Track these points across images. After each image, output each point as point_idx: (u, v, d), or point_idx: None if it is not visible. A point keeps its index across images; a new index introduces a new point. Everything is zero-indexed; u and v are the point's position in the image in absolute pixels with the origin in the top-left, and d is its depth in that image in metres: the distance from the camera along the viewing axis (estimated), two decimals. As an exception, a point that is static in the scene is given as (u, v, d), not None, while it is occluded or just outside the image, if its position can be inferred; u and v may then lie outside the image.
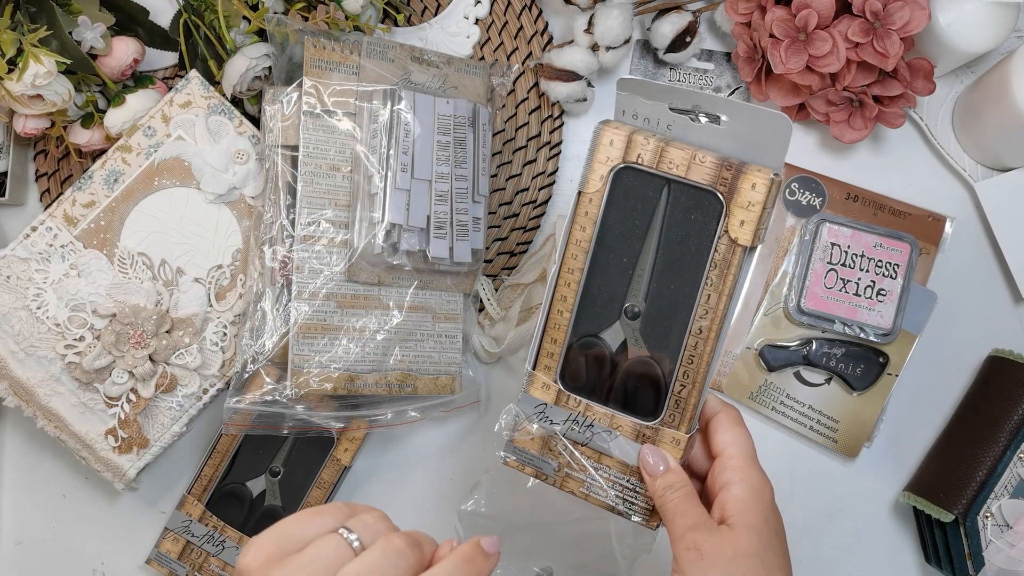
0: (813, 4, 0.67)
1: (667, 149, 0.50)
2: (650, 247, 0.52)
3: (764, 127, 0.49)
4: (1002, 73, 0.69)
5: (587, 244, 0.52)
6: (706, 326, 0.51)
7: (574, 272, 0.53)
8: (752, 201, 0.49)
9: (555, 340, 0.53)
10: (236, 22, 0.70)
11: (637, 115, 0.52)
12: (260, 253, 0.65)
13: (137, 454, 0.67)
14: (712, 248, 0.50)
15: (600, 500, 0.54)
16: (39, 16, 0.67)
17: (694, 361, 0.51)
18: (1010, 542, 0.67)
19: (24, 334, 0.66)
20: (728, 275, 0.50)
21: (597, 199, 0.52)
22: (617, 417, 0.53)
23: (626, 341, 0.53)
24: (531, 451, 0.54)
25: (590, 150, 0.52)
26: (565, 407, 0.53)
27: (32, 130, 0.69)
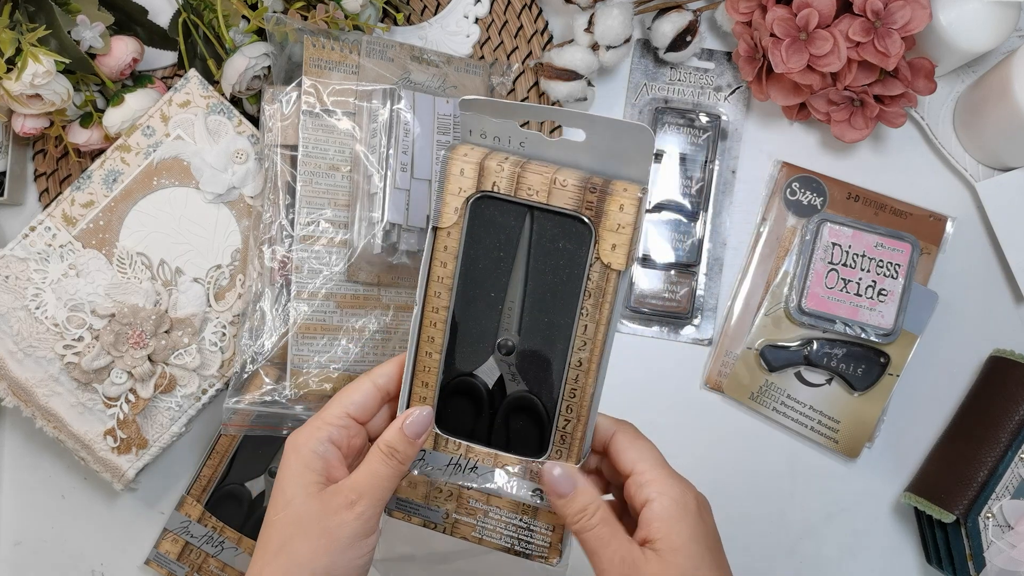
0: (814, 3, 0.67)
1: (524, 174, 0.47)
2: (518, 278, 0.49)
3: (626, 139, 0.46)
4: (1003, 72, 0.69)
5: (450, 280, 0.49)
6: (586, 357, 0.49)
7: (439, 311, 0.50)
8: (622, 223, 0.47)
9: (426, 383, 0.50)
10: (235, 21, 0.70)
11: (486, 134, 0.49)
12: (259, 253, 0.65)
13: (136, 454, 0.66)
14: (584, 276, 0.48)
15: (494, 543, 0.52)
16: (38, 15, 0.67)
17: (576, 394, 0.49)
18: (1011, 543, 0.67)
19: (23, 334, 0.65)
20: (604, 303, 0.48)
21: (456, 232, 0.49)
22: (501, 456, 0.50)
23: (502, 377, 0.51)
24: (415, 500, 0.52)
25: (439, 181, 0.48)
26: (445, 451, 0.51)
27: (31, 130, 0.69)
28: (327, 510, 0.47)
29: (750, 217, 0.76)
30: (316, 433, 0.49)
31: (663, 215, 0.73)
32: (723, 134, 0.75)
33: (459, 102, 0.49)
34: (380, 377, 0.51)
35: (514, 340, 0.50)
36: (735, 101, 0.76)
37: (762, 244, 0.74)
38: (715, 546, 0.48)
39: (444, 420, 0.51)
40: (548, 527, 0.51)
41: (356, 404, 0.50)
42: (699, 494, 0.49)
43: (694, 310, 0.74)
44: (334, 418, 0.50)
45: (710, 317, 0.75)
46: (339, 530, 0.47)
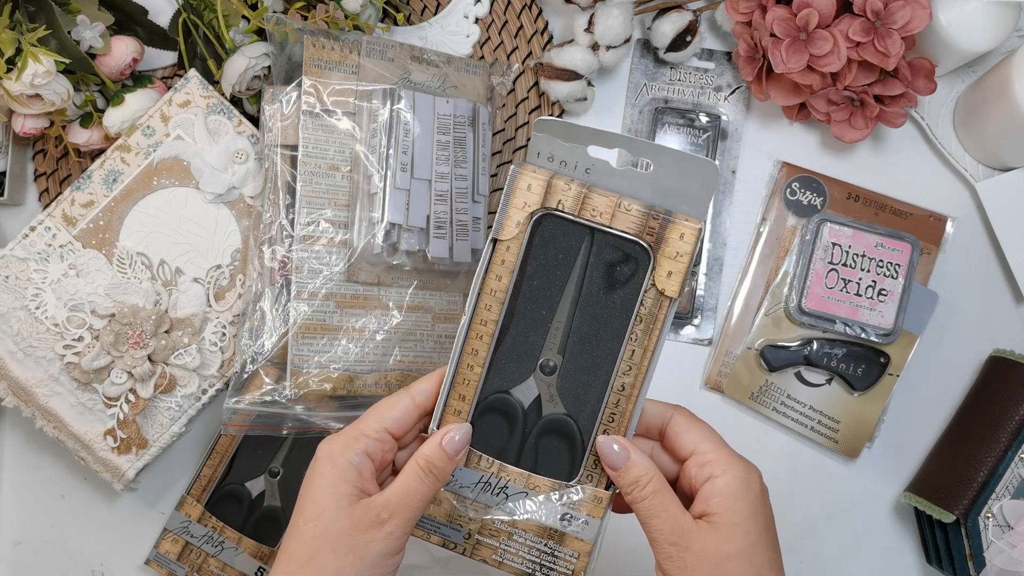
0: (814, 3, 0.67)
1: (590, 195, 0.48)
2: (568, 299, 0.50)
3: (692, 174, 0.47)
4: (1003, 72, 0.69)
5: (503, 295, 0.49)
6: (629, 383, 0.49)
7: (487, 324, 0.49)
8: (680, 252, 0.48)
9: (463, 397, 0.50)
10: (235, 21, 0.70)
11: (553, 158, 0.49)
12: (259, 253, 0.65)
13: (136, 454, 0.66)
14: (639, 301, 0.48)
15: (515, 567, 0.51)
16: (38, 15, 0.67)
17: (615, 419, 0.49)
18: (1011, 543, 0.66)
19: (23, 334, 0.65)
20: (654, 330, 0.48)
21: (515, 246, 0.49)
22: (533, 478, 0.50)
23: (539, 397, 0.50)
24: (438, 518, 0.51)
25: (505, 195, 0.49)
26: (477, 468, 0.50)
27: (31, 129, 0.69)
28: (358, 527, 0.47)
29: (750, 217, 0.76)
30: (354, 444, 0.49)
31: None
32: (723, 134, 0.75)
33: (535, 122, 0.49)
34: (420, 394, 0.51)
35: (556, 360, 0.50)
36: (735, 101, 0.76)
37: (762, 244, 0.74)
38: (772, 530, 0.48)
39: (475, 437, 0.51)
40: (574, 554, 0.51)
41: (395, 419, 0.50)
42: (763, 480, 0.49)
43: (694, 310, 0.74)
44: (372, 431, 0.49)
45: (710, 317, 0.75)
46: (367, 547, 0.47)
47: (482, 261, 0.49)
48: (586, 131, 0.48)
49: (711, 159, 0.48)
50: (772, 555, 0.47)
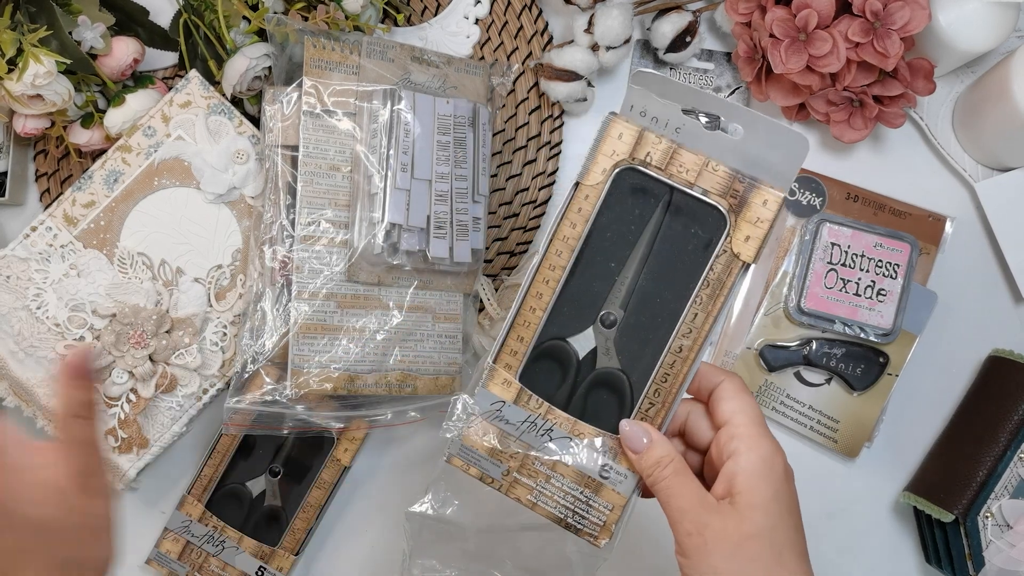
0: (813, 4, 0.67)
1: (679, 151, 0.48)
2: (638, 255, 0.50)
3: (781, 145, 0.47)
4: (1002, 73, 0.69)
5: (575, 242, 0.49)
6: (687, 345, 0.49)
7: (555, 270, 0.50)
8: (761, 217, 0.48)
9: (522, 338, 0.50)
10: (236, 22, 0.70)
11: (646, 112, 0.49)
12: (260, 253, 0.65)
13: (137, 454, 0.67)
14: (708, 266, 0.49)
15: (548, 511, 0.51)
16: (39, 16, 0.67)
17: (668, 380, 0.49)
18: (1010, 542, 0.67)
19: (24, 334, 0.66)
20: (720, 295, 0.49)
21: (594, 195, 0.49)
22: (579, 424, 0.50)
23: (596, 349, 0.50)
24: (479, 451, 0.51)
25: (596, 139, 0.49)
26: (525, 407, 0.50)
27: (32, 130, 0.69)
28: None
29: (750, 217, 0.76)
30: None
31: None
32: (723, 134, 0.75)
33: (633, 74, 0.49)
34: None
35: (617, 314, 0.50)
36: (735, 101, 0.76)
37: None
38: (796, 512, 0.47)
39: (528, 379, 0.51)
40: (608, 506, 0.50)
41: None
42: (787, 462, 0.48)
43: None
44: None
45: (710, 317, 0.75)
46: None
47: (561, 205, 0.50)
48: (682, 88, 0.49)
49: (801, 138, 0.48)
50: (794, 536, 0.46)
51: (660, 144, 0.49)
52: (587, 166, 0.49)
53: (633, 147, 0.49)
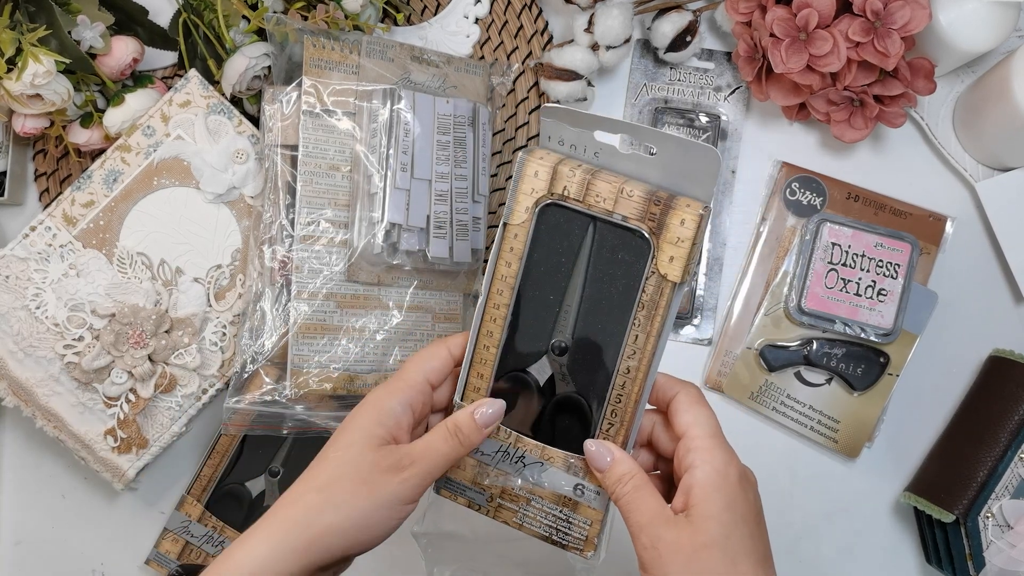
0: (814, 3, 0.67)
1: (594, 181, 0.49)
2: (576, 284, 0.51)
3: (694, 159, 0.48)
4: (1003, 73, 0.69)
5: (512, 280, 0.51)
6: (634, 366, 0.51)
7: (500, 308, 0.52)
8: (681, 237, 0.48)
9: (481, 375, 0.53)
10: (235, 21, 0.70)
11: (563, 142, 0.51)
12: (259, 253, 0.65)
13: (136, 454, 0.67)
14: (640, 289, 0.50)
15: (534, 530, 0.53)
16: (38, 15, 0.67)
17: (622, 400, 0.51)
18: (1011, 542, 0.67)
19: (23, 334, 0.65)
20: (656, 316, 0.50)
21: (522, 233, 0.51)
22: (548, 449, 0.52)
23: (553, 376, 0.53)
24: (463, 482, 0.54)
25: (514, 180, 0.51)
26: (496, 438, 0.53)
27: (31, 129, 0.69)
28: (378, 466, 0.49)
29: (750, 217, 0.76)
30: (399, 394, 0.51)
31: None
32: (723, 134, 0.75)
33: (542, 109, 0.50)
34: (456, 347, 0.53)
35: (567, 342, 0.52)
36: (735, 101, 0.76)
37: (762, 244, 0.74)
38: (753, 520, 0.48)
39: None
40: (587, 521, 0.53)
41: (435, 370, 0.53)
42: (744, 467, 0.49)
43: (694, 310, 0.74)
44: (416, 383, 0.52)
45: (710, 317, 0.75)
46: (382, 487, 0.48)
47: (494, 246, 0.52)
48: (590, 118, 0.50)
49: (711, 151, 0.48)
50: (750, 544, 0.47)
51: (575, 176, 0.50)
52: (510, 206, 0.51)
53: (550, 182, 0.50)
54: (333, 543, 0.48)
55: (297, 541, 0.48)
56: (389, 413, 0.50)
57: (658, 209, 0.49)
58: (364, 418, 0.51)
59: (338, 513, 0.48)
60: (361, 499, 0.48)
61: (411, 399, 0.51)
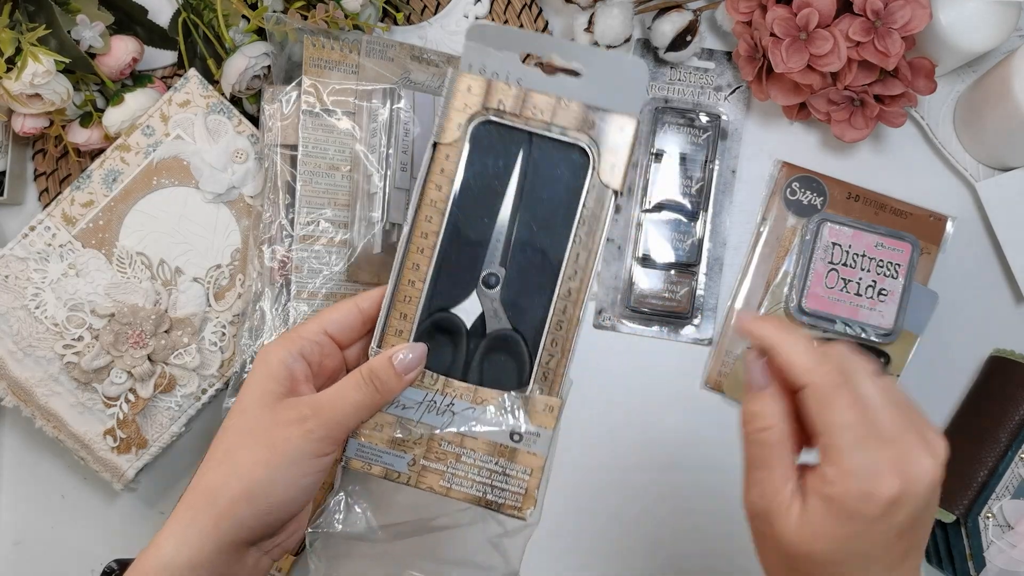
0: (814, 3, 0.67)
1: (531, 94, 0.48)
2: (508, 208, 0.48)
3: (621, 74, 0.48)
4: (1003, 72, 0.69)
5: (443, 205, 0.48)
6: (575, 287, 0.48)
7: (428, 237, 0.48)
8: (620, 143, 0.48)
9: (404, 315, 0.48)
10: (235, 21, 0.70)
11: (485, 69, 0.48)
12: (259, 253, 0.65)
13: (136, 454, 0.66)
14: (582, 202, 0.48)
15: (464, 492, 0.48)
16: (38, 15, 0.67)
17: (563, 327, 0.48)
18: (1011, 543, 0.66)
19: (22, 334, 0.65)
20: (597, 230, 0.48)
21: (454, 153, 0.48)
22: (481, 391, 0.48)
23: (483, 314, 0.49)
24: (379, 446, 0.48)
25: (445, 96, 0.48)
26: (420, 387, 0.48)
27: (31, 129, 0.69)
28: (277, 422, 0.45)
29: (750, 217, 0.76)
30: (287, 344, 0.47)
31: (663, 215, 0.73)
32: (723, 134, 0.75)
33: (467, 30, 0.48)
34: (364, 301, 0.49)
35: (499, 272, 0.49)
36: (735, 101, 0.76)
37: (762, 244, 0.74)
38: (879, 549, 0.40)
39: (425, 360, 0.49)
40: (526, 470, 0.49)
41: (335, 322, 0.48)
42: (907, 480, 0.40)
43: (694, 310, 0.74)
44: (309, 332, 0.48)
45: (710, 317, 0.75)
46: (284, 444, 0.45)
47: (422, 169, 0.48)
48: (520, 36, 0.49)
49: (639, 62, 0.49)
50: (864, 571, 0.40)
51: (510, 90, 0.48)
52: (441, 124, 0.48)
53: (484, 97, 0.48)
54: (243, 514, 0.44)
55: (205, 521, 0.44)
56: (279, 364, 0.46)
57: (596, 117, 0.48)
58: (253, 377, 0.47)
59: (241, 481, 0.44)
60: (262, 462, 0.44)
61: (302, 348, 0.47)
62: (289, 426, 0.45)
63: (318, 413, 0.45)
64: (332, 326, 0.48)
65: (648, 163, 0.74)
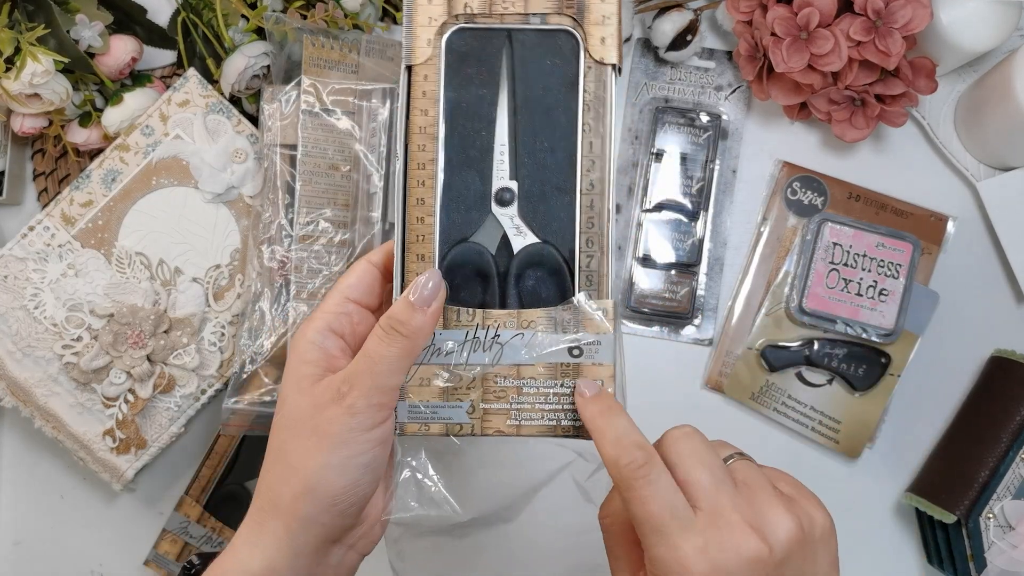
0: (815, 2, 0.66)
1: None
2: (504, 115, 0.45)
3: None
4: (1004, 72, 0.69)
5: (434, 129, 0.44)
6: (597, 178, 0.44)
7: (426, 166, 0.44)
8: (606, 13, 0.44)
9: (422, 256, 0.44)
10: (234, 20, 0.70)
11: None
12: (258, 253, 0.65)
13: (135, 455, 0.66)
14: (581, 88, 0.44)
15: (537, 425, 0.44)
16: (37, 14, 0.67)
17: (594, 223, 0.44)
18: (1012, 543, 0.66)
19: (22, 334, 0.65)
20: (604, 112, 0.44)
21: (431, 72, 0.44)
22: (525, 313, 0.44)
23: (505, 235, 0.45)
24: (432, 401, 0.44)
25: (406, 14, 0.44)
26: (458, 326, 0.44)
27: (30, 129, 0.69)
28: (318, 405, 0.42)
29: (751, 217, 0.75)
30: (313, 323, 0.45)
31: (663, 215, 0.73)
32: (724, 133, 0.75)
33: None
34: (376, 255, 0.46)
35: (512, 187, 0.45)
36: (736, 100, 0.76)
37: (763, 244, 0.74)
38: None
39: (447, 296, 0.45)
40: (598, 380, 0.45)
41: (353, 287, 0.46)
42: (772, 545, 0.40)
43: (694, 310, 0.74)
44: (332, 305, 0.45)
45: (710, 317, 0.74)
46: (328, 426, 0.42)
47: (400, 98, 0.45)
48: None
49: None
50: None
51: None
52: (409, 44, 0.44)
53: (448, 5, 0.44)
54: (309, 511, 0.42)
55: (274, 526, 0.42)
56: (308, 346, 0.44)
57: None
58: (288, 366, 0.44)
59: (297, 476, 0.42)
60: (312, 451, 0.42)
61: (329, 322, 0.44)
62: (329, 406, 0.42)
63: (354, 384, 0.42)
64: (351, 291, 0.46)
65: (648, 163, 0.74)
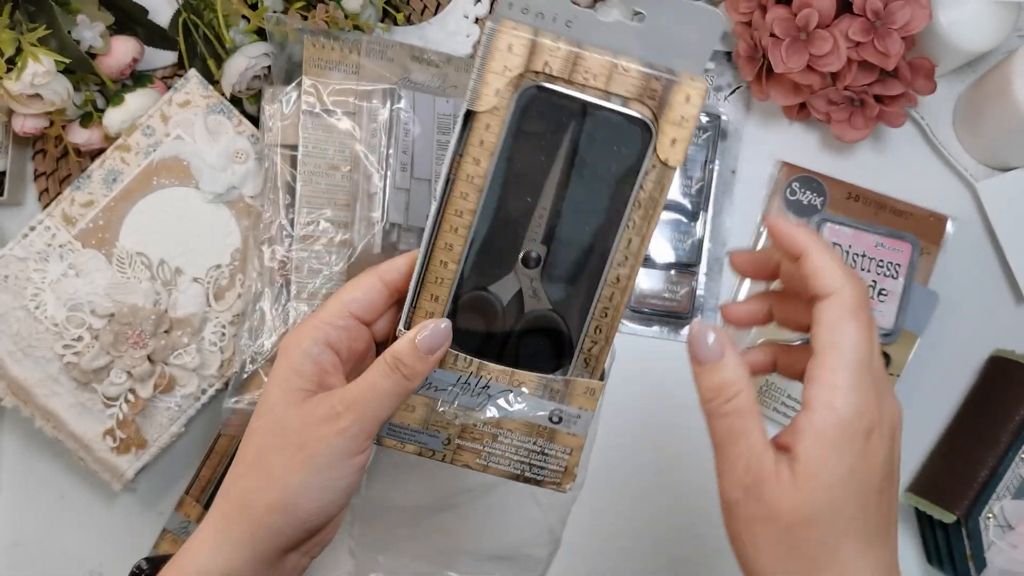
0: (814, 3, 0.67)
1: (582, 55, 0.41)
2: (554, 182, 0.44)
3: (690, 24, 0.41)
4: (1003, 72, 0.69)
5: (481, 181, 0.43)
6: (624, 274, 0.44)
7: (463, 215, 0.43)
8: (686, 116, 0.42)
9: (436, 297, 0.44)
10: (235, 21, 0.70)
11: (528, 9, 0.42)
12: (259, 253, 0.65)
13: (135, 455, 0.66)
14: (638, 184, 0.43)
15: (501, 470, 0.46)
16: (38, 15, 0.67)
17: (608, 314, 0.45)
18: (1012, 543, 0.66)
19: (22, 334, 0.65)
20: (654, 215, 0.43)
21: (496, 123, 0.43)
22: (518, 374, 0.45)
23: (520, 292, 0.45)
24: (412, 426, 0.46)
25: (481, 57, 0.42)
26: (453, 369, 0.45)
27: (31, 129, 0.69)
28: (309, 421, 0.42)
29: (750, 217, 0.75)
30: (311, 332, 0.44)
31: (663, 215, 0.73)
32: (723, 134, 0.75)
33: None
34: (388, 273, 0.45)
35: (540, 252, 0.45)
36: (735, 101, 0.76)
37: (762, 244, 0.74)
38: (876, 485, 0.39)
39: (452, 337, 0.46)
40: (566, 450, 0.46)
41: (359, 302, 0.45)
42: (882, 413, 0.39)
43: (694, 310, 0.74)
44: (333, 317, 0.44)
45: (710, 317, 0.74)
46: (317, 444, 0.42)
47: (454, 140, 0.43)
48: None
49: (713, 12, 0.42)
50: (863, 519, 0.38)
51: (558, 50, 0.42)
52: (476, 89, 0.42)
53: (528, 58, 0.42)
54: (280, 523, 0.42)
55: (240, 531, 0.42)
56: (304, 357, 0.43)
57: (659, 85, 0.41)
58: (277, 371, 0.43)
59: (275, 489, 0.42)
60: (296, 467, 0.41)
61: (327, 336, 0.44)
62: (321, 425, 0.42)
63: (351, 408, 0.42)
64: (356, 306, 0.45)
65: (648, 163, 0.74)
